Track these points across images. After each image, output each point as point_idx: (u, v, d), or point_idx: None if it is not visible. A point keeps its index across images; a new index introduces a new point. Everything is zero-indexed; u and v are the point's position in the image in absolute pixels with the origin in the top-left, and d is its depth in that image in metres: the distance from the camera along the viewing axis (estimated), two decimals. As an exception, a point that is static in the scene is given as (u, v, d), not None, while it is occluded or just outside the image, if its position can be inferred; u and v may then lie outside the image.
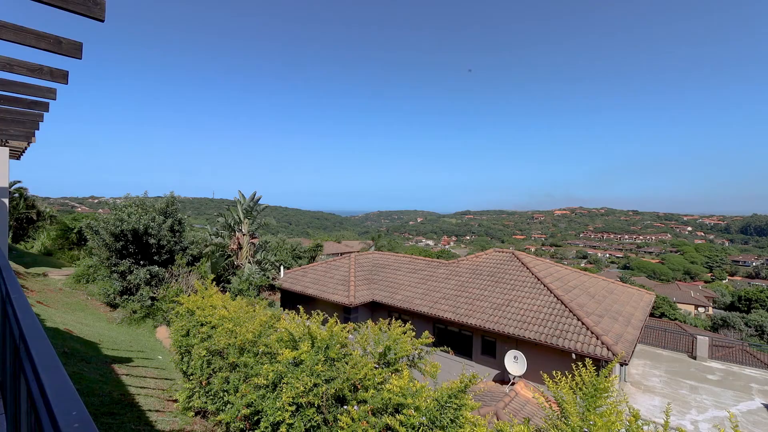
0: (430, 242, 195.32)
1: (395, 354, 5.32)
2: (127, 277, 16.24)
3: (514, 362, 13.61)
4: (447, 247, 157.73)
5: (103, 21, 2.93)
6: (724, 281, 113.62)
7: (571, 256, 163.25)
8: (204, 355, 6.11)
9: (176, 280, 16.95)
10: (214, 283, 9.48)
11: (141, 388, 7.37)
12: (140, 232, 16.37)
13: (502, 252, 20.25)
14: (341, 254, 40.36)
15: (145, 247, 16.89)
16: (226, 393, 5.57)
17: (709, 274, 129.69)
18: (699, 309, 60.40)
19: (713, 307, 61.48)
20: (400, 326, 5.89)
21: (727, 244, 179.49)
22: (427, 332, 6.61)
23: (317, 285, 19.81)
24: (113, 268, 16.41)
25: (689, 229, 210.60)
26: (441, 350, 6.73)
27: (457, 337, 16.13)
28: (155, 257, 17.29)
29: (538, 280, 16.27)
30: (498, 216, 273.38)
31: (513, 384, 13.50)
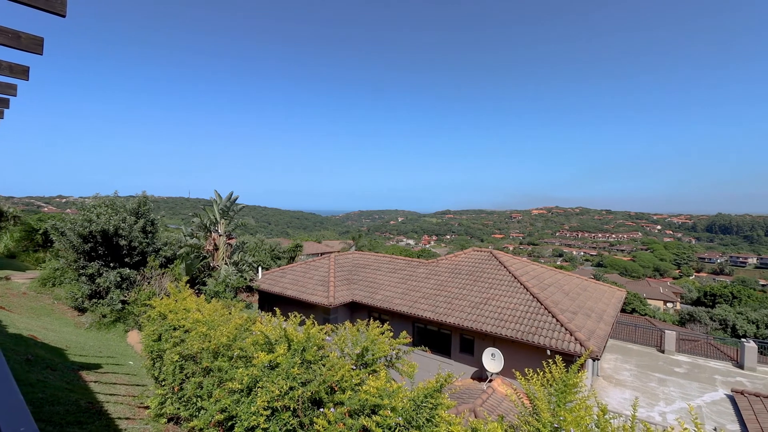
0: (411, 242, 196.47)
1: (373, 355, 5.31)
2: (96, 280, 15.65)
3: (492, 359, 13.84)
4: (427, 246, 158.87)
5: (64, 16, 2.81)
6: (690, 277, 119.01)
7: (548, 254, 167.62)
8: (176, 360, 5.95)
9: (148, 283, 16.44)
10: (189, 285, 9.25)
11: (111, 395, 7.12)
12: (110, 233, 15.80)
13: (481, 251, 20.53)
14: (321, 254, 40.08)
15: (116, 248, 16.32)
16: (199, 398, 5.43)
17: (677, 271, 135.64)
18: (668, 304, 63.00)
19: (681, 303, 64.19)
20: (378, 327, 5.89)
21: (693, 242, 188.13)
22: (404, 332, 6.64)
23: (296, 286, 19.60)
24: (81, 271, 15.79)
25: (658, 227, 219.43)
26: (420, 349, 6.77)
27: (436, 336, 16.27)
28: (126, 259, 16.73)
29: (515, 278, 16.58)
30: (477, 215, 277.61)
31: (490, 381, 13.74)
